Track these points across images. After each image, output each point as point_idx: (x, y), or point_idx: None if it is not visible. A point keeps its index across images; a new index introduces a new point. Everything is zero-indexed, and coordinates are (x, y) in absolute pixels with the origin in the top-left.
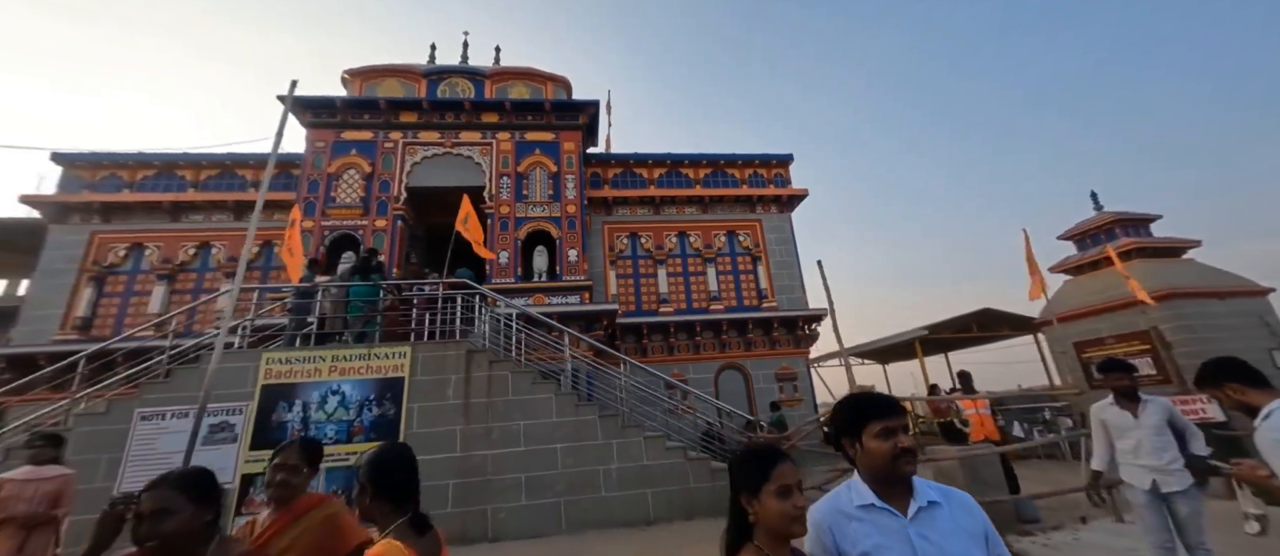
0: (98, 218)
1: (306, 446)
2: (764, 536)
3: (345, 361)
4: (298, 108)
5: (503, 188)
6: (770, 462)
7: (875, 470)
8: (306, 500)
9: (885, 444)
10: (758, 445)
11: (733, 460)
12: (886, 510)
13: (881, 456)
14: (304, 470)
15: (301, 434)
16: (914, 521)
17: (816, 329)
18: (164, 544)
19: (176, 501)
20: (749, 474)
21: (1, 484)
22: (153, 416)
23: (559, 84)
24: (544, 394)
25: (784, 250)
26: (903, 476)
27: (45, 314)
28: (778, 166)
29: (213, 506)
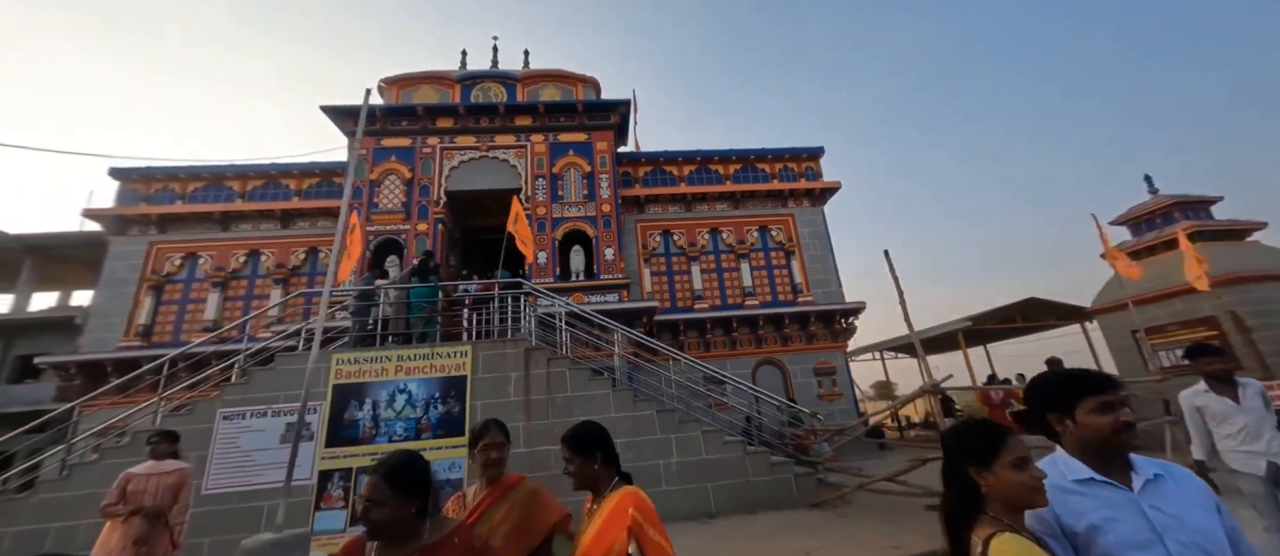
0: (154, 229)
1: (503, 427)
2: (999, 508)
3: (410, 361)
4: (339, 117)
5: (538, 189)
6: (1001, 435)
7: (1092, 444)
8: (510, 477)
9: (1104, 418)
10: (978, 419)
11: (954, 435)
12: (1108, 483)
13: (1101, 430)
14: (507, 448)
15: (373, 432)
16: (1142, 493)
17: (854, 322)
18: (375, 530)
19: (383, 492)
20: (979, 447)
21: (129, 478)
22: (234, 416)
23: (588, 84)
24: (601, 390)
25: (818, 244)
26: (1123, 450)
27: (110, 321)
28: (808, 160)
29: (417, 495)
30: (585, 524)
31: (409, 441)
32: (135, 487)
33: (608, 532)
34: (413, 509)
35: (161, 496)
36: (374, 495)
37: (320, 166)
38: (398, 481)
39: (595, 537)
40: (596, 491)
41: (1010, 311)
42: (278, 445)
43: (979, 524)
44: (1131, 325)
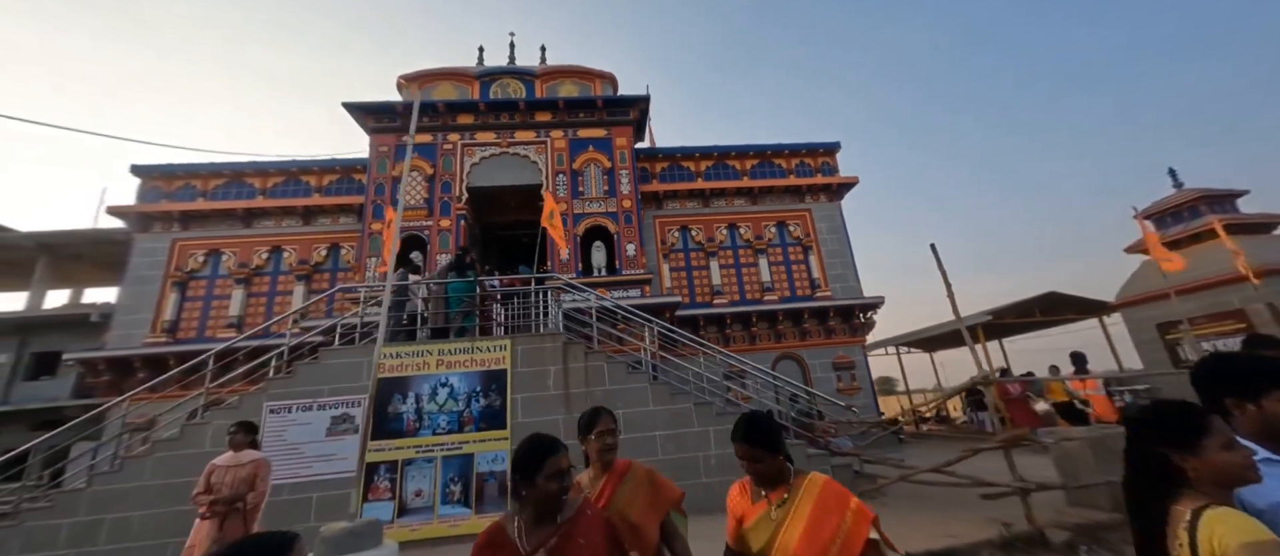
0: (177, 226)
1: (612, 413)
2: (1208, 487)
3: (451, 354)
4: (360, 114)
5: (559, 185)
6: (1202, 417)
7: (1275, 430)
8: (621, 462)
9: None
10: (1175, 402)
11: (1149, 418)
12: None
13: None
14: (618, 433)
15: (417, 425)
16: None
17: (872, 317)
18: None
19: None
20: (1182, 432)
21: (212, 469)
22: (280, 409)
23: (606, 80)
24: (639, 383)
25: (835, 239)
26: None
27: (136, 318)
28: (824, 155)
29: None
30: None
31: (453, 434)
32: (217, 478)
33: (825, 520)
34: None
35: (239, 486)
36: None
37: (340, 163)
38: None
39: (812, 526)
40: (778, 481)
41: (1029, 306)
42: (324, 438)
43: (1181, 497)
44: (1156, 319)
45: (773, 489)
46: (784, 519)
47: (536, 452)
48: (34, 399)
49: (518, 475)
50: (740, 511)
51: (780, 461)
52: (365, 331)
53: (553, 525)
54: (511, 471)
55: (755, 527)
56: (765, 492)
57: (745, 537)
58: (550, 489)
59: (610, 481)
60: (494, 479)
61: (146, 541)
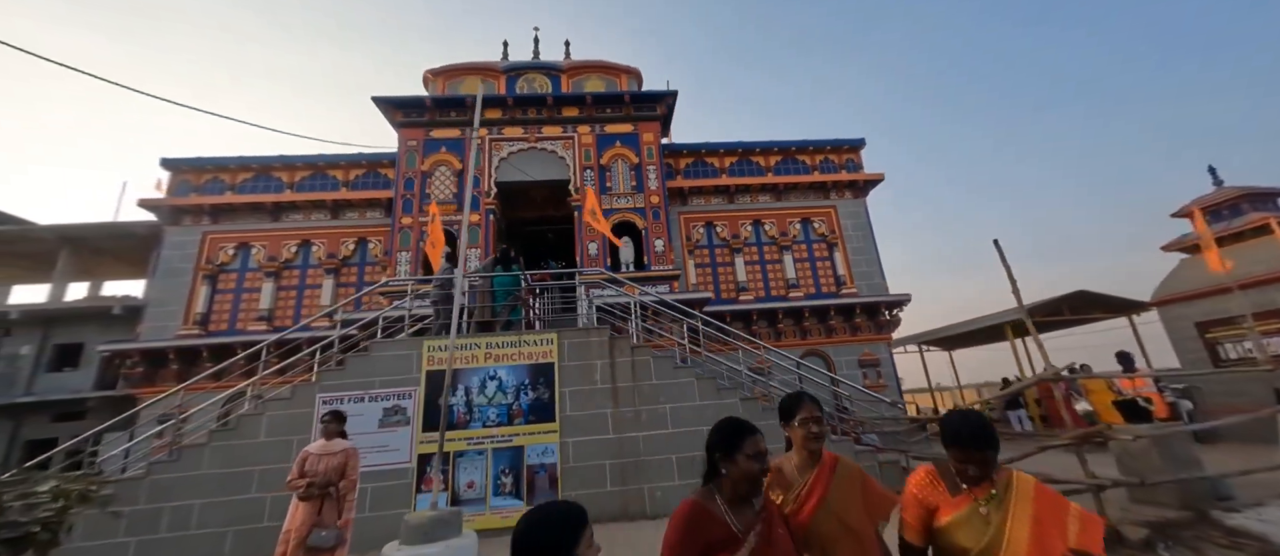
0: (207, 219)
1: (817, 401)
2: None
3: (499, 348)
4: (389, 108)
5: (586, 180)
6: None
7: None
8: (828, 455)
9: None
10: None
11: None
12: None
13: None
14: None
15: (467, 417)
16: None
17: (898, 314)
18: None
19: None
20: None
21: (305, 456)
22: (332, 401)
23: (631, 75)
24: (685, 378)
25: (861, 235)
26: None
27: (167, 310)
28: (849, 151)
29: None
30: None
31: (502, 426)
32: (311, 466)
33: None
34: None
35: (330, 473)
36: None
37: (367, 158)
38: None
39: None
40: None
41: (1057, 304)
42: (376, 429)
43: None
44: (1194, 317)
45: (977, 484)
46: (1003, 519)
47: (737, 432)
48: (58, 390)
49: (719, 453)
50: (933, 502)
51: (992, 460)
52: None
53: (752, 509)
54: (709, 450)
55: (964, 524)
56: (966, 487)
57: (949, 533)
58: (752, 469)
59: (821, 476)
60: (544, 471)
61: (207, 529)
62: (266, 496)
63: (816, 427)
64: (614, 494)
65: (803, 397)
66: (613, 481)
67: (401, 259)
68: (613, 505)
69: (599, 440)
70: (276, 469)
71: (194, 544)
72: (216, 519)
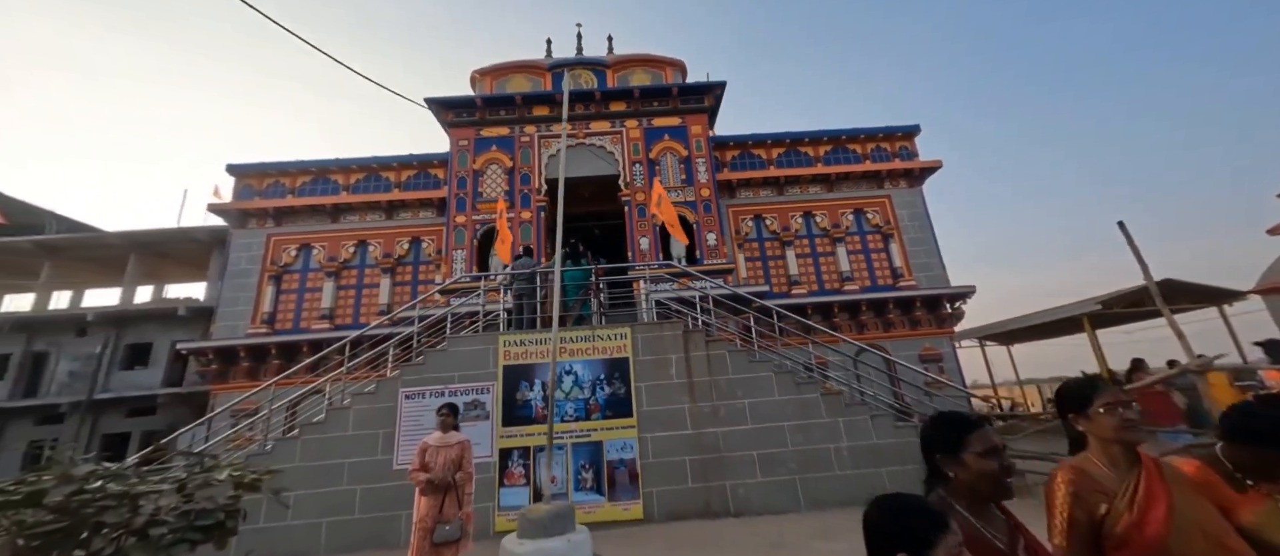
0: (271, 221)
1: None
2: None
3: (573, 342)
4: (440, 109)
5: (636, 175)
6: None
7: None
8: (1145, 454)
9: None
10: None
11: None
12: None
13: None
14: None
15: (545, 412)
16: None
17: (962, 307)
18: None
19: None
20: None
21: (424, 448)
22: (414, 395)
23: (676, 68)
24: (764, 372)
25: (917, 226)
26: None
27: (237, 310)
28: (902, 139)
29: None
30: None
31: (580, 421)
32: (430, 457)
33: None
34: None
35: (449, 465)
36: None
37: (418, 158)
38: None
39: None
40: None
41: (1141, 293)
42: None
43: None
44: None
45: (1272, 480)
46: None
47: (957, 426)
48: (129, 387)
49: (940, 453)
50: (1222, 502)
51: None
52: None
53: (1001, 518)
54: (927, 451)
55: (1269, 520)
56: (1253, 482)
57: (1261, 532)
58: (989, 467)
59: (1154, 477)
60: (623, 466)
61: (302, 520)
62: (356, 488)
63: (1130, 414)
64: (695, 491)
65: (1096, 381)
66: (693, 478)
67: (457, 257)
68: (694, 502)
69: (677, 436)
70: (365, 461)
71: (291, 534)
72: (311, 510)
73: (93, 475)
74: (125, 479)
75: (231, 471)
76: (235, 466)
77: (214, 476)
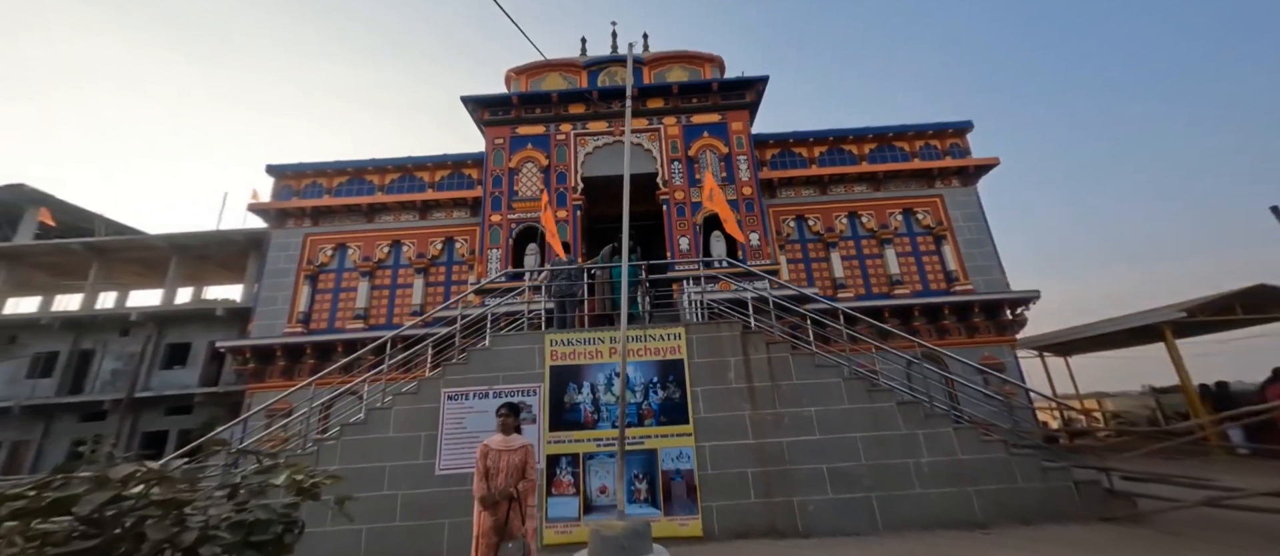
0: (309, 221)
1: None
2: None
3: (626, 342)
4: (475, 106)
5: (675, 173)
6: None
7: None
8: None
9: None
10: None
11: None
12: None
13: None
14: None
15: (594, 417)
16: None
17: (1025, 313)
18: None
19: None
20: None
21: (485, 451)
22: (458, 396)
23: (714, 63)
24: (830, 378)
25: (973, 227)
26: None
27: (274, 309)
28: (953, 136)
29: None
30: None
31: (632, 427)
32: (492, 462)
33: None
34: None
35: (513, 472)
36: None
37: (452, 158)
38: None
39: None
40: None
41: (1228, 300)
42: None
43: None
44: None
45: None
46: None
47: None
48: (169, 386)
49: None
50: None
51: None
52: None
53: None
54: None
55: None
56: None
57: None
58: None
59: None
60: (680, 477)
61: (340, 526)
62: (397, 493)
63: None
64: (759, 506)
65: None
66: (757, 492)
67: (492, 256)
68: (758, 518)
69: (738, 445)
70: (406, 465)
71: (328, 541)
72: (355, 514)
73: (132, 477)
74: (172, 482)
75: (291, 474)
76: (295, 468)
77: (271, 480)
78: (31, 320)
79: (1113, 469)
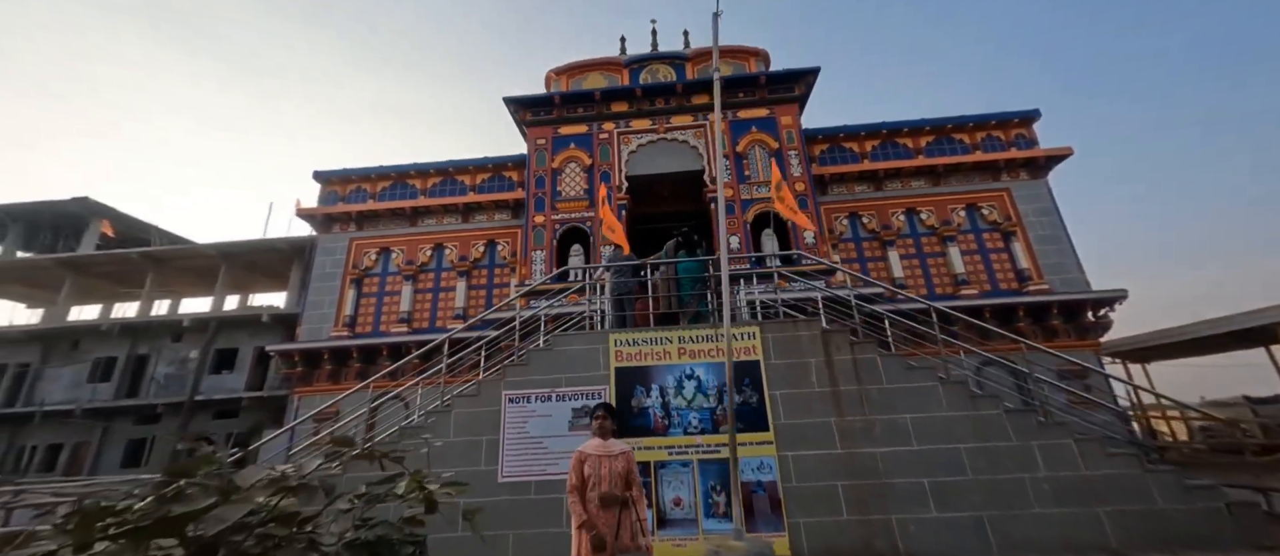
0: (354, 226)
1: None
2: None
3: (693, 343)
4: (517, 107)
5: (722, 170)
6: None
7: None
8: None
9: None
10: None
11: None
12: None
13: None
14: None
15: (665, 422)
16: None
17: (1109, 315)
18: None
19: None
20: None
21: (582, 458)
22: (519, 399)
23: (759, 57)
24: (924, 382)
25: (1046, 222)
26: None
27: (321, 314)
28: (1019, 126)
29: None
30: None
31: (706, 434)
32: (591, 469)
33: None
34: None
35: (616, 481)
36: None
37: (493, 161)
38: None
39: None
40: None
41: None
42: (566, 432)
43: None
44: None
45: None
46: None
47: None
48: (217, 390)
49: None
50: None
51: None
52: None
53: None
54: None
55: None
56: None
57: None
58: None
59: None
60: (762, 490)
61: None
62: (459, 502)
63: None
64: (852, 524)
65: None
66: (849, 508)
67: (536, 258)
68: (852, 538)
69: (824, 455)
70: (467, 472)
71: None
72: None
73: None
74: (309, 492)
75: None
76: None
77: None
78: (93, 326)
79: (1272, 489)
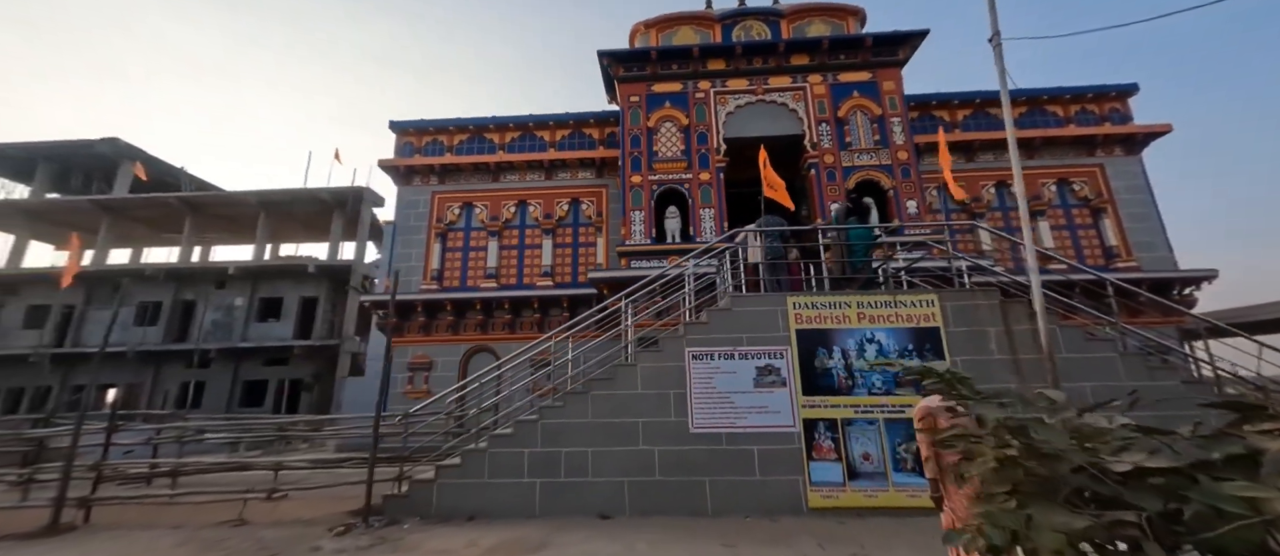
0: (435, 179)
1: None
2: None
3: (872, 308)
4: (611, 62)
5: (823, 136)
6: None
7: None
8: None
9: None
10: None
11: None
12: None
13: None
14: None
15: (848, 382)
16: None
17: (1196, 293)
18: None
19: None
20: None
21: (928, 412)
22: (702, 356)
23: (856, 17)
24: (1103, 352)
25: (1137, 199)
26: None
27: (409, 266)
28: (1114, 100)
29: None
30: None
31: (890, 395)
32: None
33: None
34: None
35: None
36: None
37: (573, 117)
38: None
39: None
40: None
41: None
42: (752, 389)
43: None
44: None
45: None
46: None
47: None
48: (266, 338)
49: None
50: None
51: None
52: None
53: None
54: None
55: None
56: None
57: None
58: None
59: None
60: None
61: (603, 477)
62: (654, 449)
63: None
64: None
65: None
66: None
67: (635, 218)
68: None
69: None
70: (658, 422)
71: (593, 491)
72: (610, 468)
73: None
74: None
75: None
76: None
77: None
78: (135, 270)
79: None
